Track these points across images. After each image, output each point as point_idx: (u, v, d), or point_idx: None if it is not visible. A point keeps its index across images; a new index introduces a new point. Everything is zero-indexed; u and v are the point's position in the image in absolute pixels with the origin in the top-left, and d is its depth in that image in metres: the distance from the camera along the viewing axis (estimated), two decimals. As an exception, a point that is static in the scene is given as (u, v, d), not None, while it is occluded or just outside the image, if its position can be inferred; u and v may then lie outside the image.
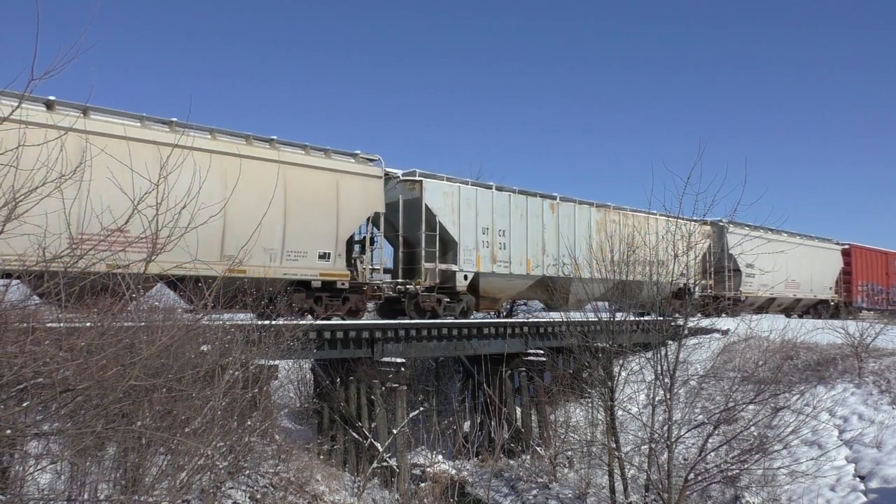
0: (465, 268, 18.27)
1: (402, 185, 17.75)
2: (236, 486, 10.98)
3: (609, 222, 22.11)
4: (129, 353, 6.41)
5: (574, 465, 16.71)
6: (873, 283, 36.94)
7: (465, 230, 18.28)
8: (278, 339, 11.94)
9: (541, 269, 20.18)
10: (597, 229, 21.67)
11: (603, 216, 22.25)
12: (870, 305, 36.44)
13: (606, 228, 21.67)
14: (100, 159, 9.60)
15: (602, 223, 21.96)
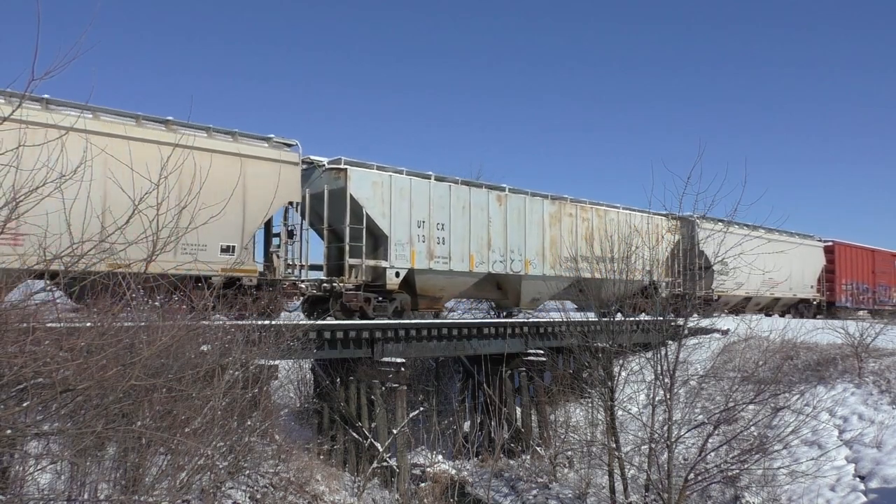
0: (397, 264, 16.82)
1: (328, 173, 16.31)
2: (236, 486, 10.98)
3: (565, 216, 21.05)
4: (129, 353, 6.41)
5: (574, 465, 16.71)
6: (858, 281, 35.73)
7: (397, 223, 16.83)
8: (278, 339, 11.94)
9: (486, 266, 18.79)
10: (550, 223, 20.58)
11: (558, 209, 20.93)
12: (855, 305, 35.31)
13: (562, 222, 20.89)
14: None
15: (556, 217, 20.79)
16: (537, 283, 20.16)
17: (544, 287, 20.42)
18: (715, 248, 23.98)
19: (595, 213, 22.02)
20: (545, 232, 20.33)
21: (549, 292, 20.97)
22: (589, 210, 21.95)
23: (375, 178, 16.65)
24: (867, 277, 36.28)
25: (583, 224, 21.54)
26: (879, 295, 37.27)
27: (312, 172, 16.43)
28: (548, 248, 20.34)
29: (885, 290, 37.70)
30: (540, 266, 20.02)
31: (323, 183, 16.25)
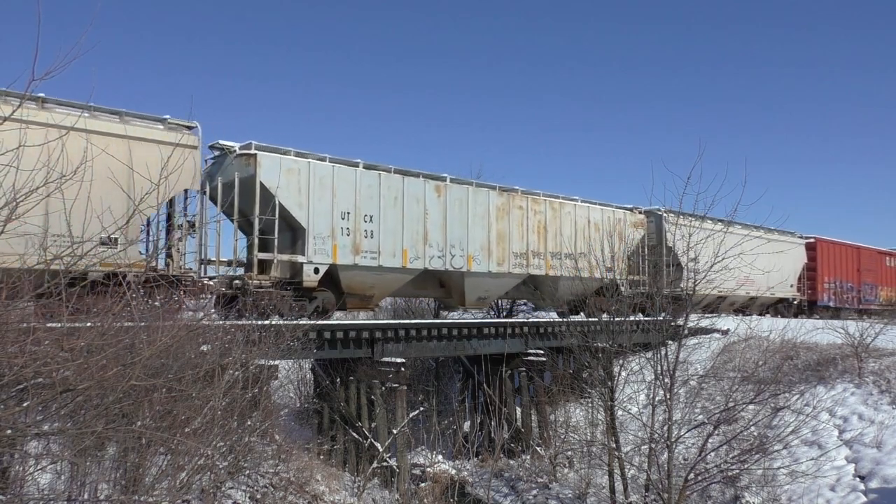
0: (317, 259, 15.27)
1: (239, 160, 14.93)
2: (236, 486, 10.98)
3: (514, 208, 19.58)
4: (129, 353, 6.42)
5: (574, 465, 16.71)
6: (842, 279, 34.13)
7: (316, 214, 15.29)
8: (278, 339, 11.95)
9: (422, 262, 17.23)
10: (498, 216, 19.09)
11: (506, 201, 19.45)
12: (838, 304, 33.63)
13: (510, 215, 19.45)
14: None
15: (505, 209, 19.31)
16: (483, 281, 18.97)
17: (492, 284, 19.35)
18: (684, 244, 23.63)
19: (549, 206, 20.65)
20: (491, 226, 18.93)
21: (498, 290, 20.02)
22: (542, 202, 20.49)
23: (291, 165, 15.09)
24: (852, 276, 34.89)
25: (535, 217, 20.14)
26: (865, 294, 35.82)
27: (225, 159, 15.16)
28: (494, 242, 18.96)
29: (870, 289, 36.37)
30: (485, 262, 18.68)
31: (234, 170, 14.84)
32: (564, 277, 20.35)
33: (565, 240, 20.75)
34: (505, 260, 19.17)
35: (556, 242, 20.53)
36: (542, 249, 20.11)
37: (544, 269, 20.13)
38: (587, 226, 21.57)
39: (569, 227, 21.03)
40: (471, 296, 18.95)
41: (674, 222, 23.54)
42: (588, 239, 21.12)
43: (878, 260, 37.38)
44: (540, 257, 20.05)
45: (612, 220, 22.27)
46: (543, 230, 20.23)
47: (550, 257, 20.31)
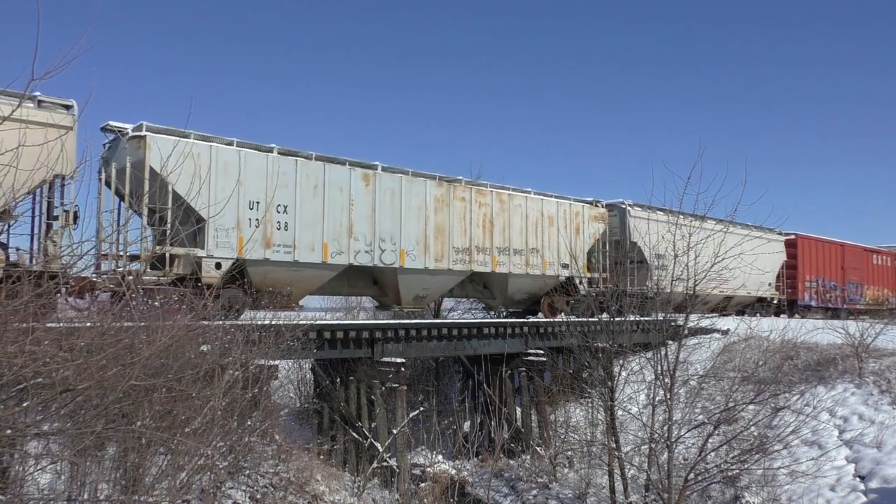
0: (219, 253, 13.81)
1: (131, 143, 13.41)
2: (236, 486, 10.98)
3: (455, 200, 18.18)
4: (129, 353, 6.41)
5: (574, 465, 16.70)
6: (825, 278, 32.55)
7: (218, 204, 13.61)
8: (278, 339, 11.95)
9: (346, 257, 15.78)
10: (437, 208, 17.73)
11: (446, 192, 18.02)
12: (821, 304, 32.25)
13: (451, 207, 18.07)
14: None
15: (444, 201, 17.93)
16: (420, 278, 17.59)
17: (430, 282, 17.99)
18: (650, 239, 21.42)
19: (496, 198, 19.28)
20: (429, 218, 17.49)
21: (439, 288, 18.71)
22: (488, 194, 19.11)
23: (188, 149, 13.40)
24: (835, 274, 33.40)
25: (480, 210, 18.75)
26: (849, 293, 34.34)
27: (119, 143, 13.70)
28: (432, 237, 17.54)
29: (855, 288, 34.98)
30: (421, 257, 17.27)
31: (126, 155, 13.38)
32: (514, 275, 19.52)
33: (515, 234, 19.55)
34: (444, 255, 17.82)
35: (505, 237, 19.29)
36: (487, 244, 18.82)
37: (490, 266, 18.92)
38: (540, 219, 20.27)
39: (519, 221, 19.70)
40: (407, 294, 17.66)
41: (639, 216, 22.89)
42: (541, 234, 20.19)
43: (864, 258, 36.09)
44: (485, 253, 18.76)
45: (570, 214, 21.17)
46: (489, 224, 18.95)
47: (498, 253, 19.09)
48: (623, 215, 22.81)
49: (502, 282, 19.67)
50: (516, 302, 21.06)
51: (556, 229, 20.50)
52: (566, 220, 20.97)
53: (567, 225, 20.94)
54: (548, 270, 20.16)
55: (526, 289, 20.30)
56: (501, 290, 19.95)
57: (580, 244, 21.36)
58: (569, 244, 20.53)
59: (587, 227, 21.70)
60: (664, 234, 20.61)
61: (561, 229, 20.64)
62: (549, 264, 20.25)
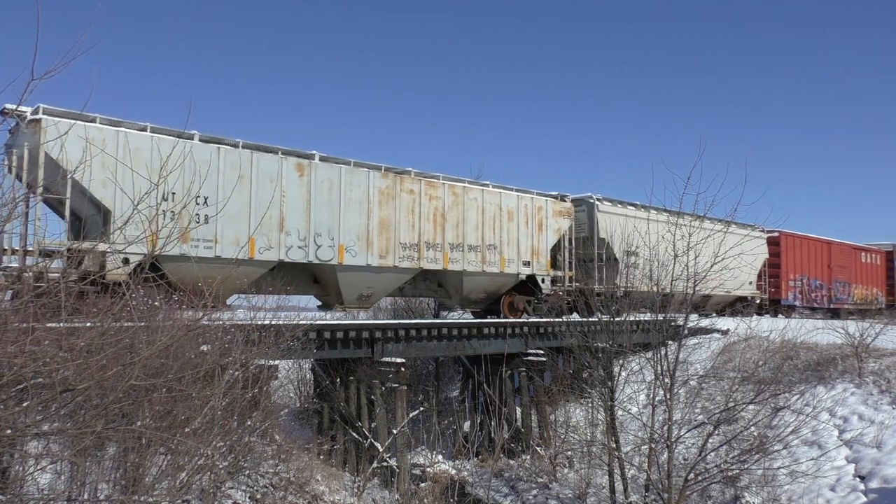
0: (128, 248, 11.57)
1: (29, 128, 12.24)
2: (236, 486, 10.99)
3: (403, 192, 17.01)
4: (129, 353, 6.41)
5: (574, 465, 16.70)
6: (810, 277, 31.37)
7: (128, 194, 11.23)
8: (278, 339, 11.96)
9: (276, 253, 14.64)
10: (381, 201, 16.57)
11: (392, 184, 16.80)
12: (805, 303, 31.14)
13: (398, 201, 16.91)
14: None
15: (390, 193, 16.74)
16: (362, 276, 16.41)
17: (375, 280, 16.78)
18: (620, 236, 20.57)
19: (448, 191, 17.97)
20: (372, 212, 16.33)
21: (385, 287, 17.47)
22: (439, 186, 17.86)
23: (91, 134, 12.26)
24: (821, 272, 32.25)
25: (430, 203, 17.54)
26: (836, 292, 33.17)
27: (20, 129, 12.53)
28: (376, 231, 16.38)
29: (842, 287, 33.86)
30: (363, 254, 16.09)
31: (24, 141, 12.26)
32: (469, 273, 18.42)
33: (470, 230, 18.34)
34: (390, 252, 16.64)
35: (458, 232, 18.06)
36: (439, 240, 17.61)
37: (442, 263, 17.67)
38: (498, 214, 19.08)
39: (475, 215, 18.49)
40: (349, 293, 16.43)
41: (608, 211, 21.75)
42: (499, 229, 19.04)
43: (852, 256, 35.00)
44: (437, 249, 17.56)
45: (531, 208, 19.99)
46: (441, 218, 17.71)
47: (450, 249, 17.86)
48: (591, 210, 21.66)
49: (457, 280, 18.54)
50: (473, 301, 19.95)
51: (516, 224, 19.44)
52: (528, 215, 19.83)
53: (529, 220, 19.81)
54: (507, 268, 19.14)
55: (483, 287, 19.27)
56: (457, 289, 18.82)
57: (543, 240, 20.25)
58: (530, 240, 19.64)
59: (551, 223, 20.56)
60: (635, 230, 20.28)
61: (522, 225, 19.57)
62: (509, 262, 19.20)
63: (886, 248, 38.07)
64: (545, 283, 20.07)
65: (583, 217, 21.72)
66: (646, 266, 17.88)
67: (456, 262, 18.04)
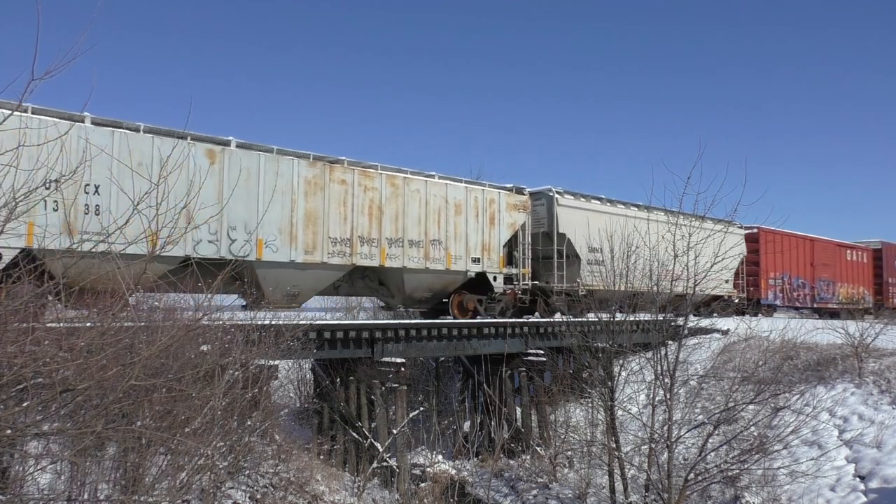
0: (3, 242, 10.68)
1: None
2: (236, 486, 10.99)
3: (333, 183, 15.76)
4: (129, 353, 6.41)
5: (574, 465, 16.70)
6: (792, 275, 30.22)
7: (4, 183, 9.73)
8: (278, 339, 11.95)
9: (182, 248, 13.18)
10: (308, 192, 15.34)
11: (320, 174, 15.60)
12: (787, 303, 30.09)
13: (328, 191, 15.70)
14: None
15: (318, 184, 15.52)
16: (286, 273, 15.14)
17: (301, 278, 15.48)
18: (583, 231, 19.69)
19: (387, 182, 16.79)
20: (297, 203, 15.12)
21: (314, 284, 16.07)
22: (376, 177, 16.62)
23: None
24: (804, 271, 31.11)
25: (365, 195, 16.31)
26: (820, 291, 32.11)
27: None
28: (301, 225, 15.17)
29: (827, 286, 32.79)
30: (285, 249, 14.90)
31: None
32: (410, 270, 17.22)
33: (411, 223, 17.19)
34: (317, 247, 15.42)
35: (397, 226, 16.92)
36: (375, 235, 16.44)
37: (378, 259, 16.52)
38: (444, 207, 17.94)
39: (417, 208, 17.36)
40: (272, 291, 15.06)
41: (569, 205, 20.65)
42: (445, 223, 17.89)
43: (837, 253, 33.98)
44: (372, 244, 16.39)
45: (482, 201, 18.89)
46: (378, 211, 16.55)
47: (388, 245, 16.69)
48: (550, 204, 20.41)
49: (397, 278, 17.40)
50: (418, 301, 18.85)
51: (464, 218, 18.31)
52: (478, 209, 18.72)
53: (479, 214, 18.69)
54: (453, 265, 17.99)
55: (427, 286, 18.06)
56: (398, 288, 17.67)
57: (495, 235, 19.13)
58: (481, 235, 18.60)
59: (504, 217, 19.40)
60: (600, 226, 19.31)
61: (471, 218, 18.46)
62: (456, 258, 18.08)
63: (874, 246, 37.07)
64: (497, 281, 19.02)
65: (542, 211, 20.63)
66: (611, 263, 17.09)
67: (395, 258, 16.90)
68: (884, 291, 36.77)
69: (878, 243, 37.36)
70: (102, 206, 12.52)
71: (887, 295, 36.89)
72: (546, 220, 20.44)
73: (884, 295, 36.67)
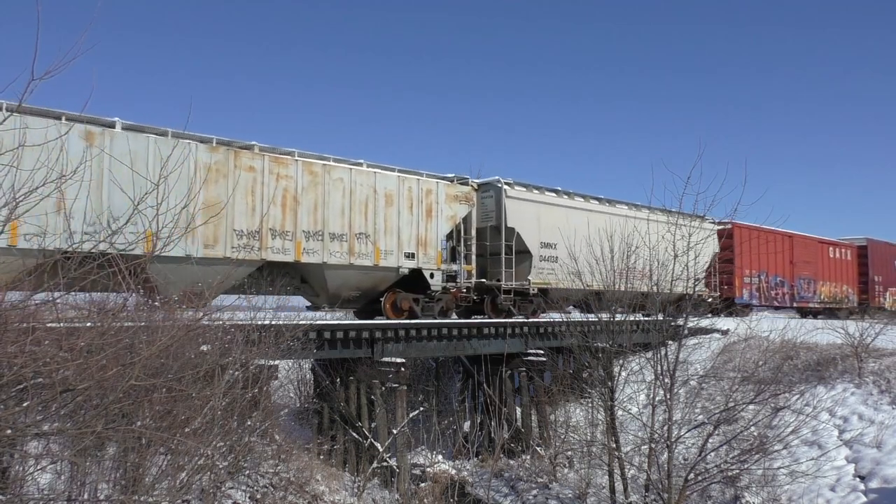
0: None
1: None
2: (236, 486, 10.99)
3: (240, 170, 14.28)
4: (129, 353, 6.42)
5: (574, 465, 16.70)
6: (770, 273, 28.91)
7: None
8: (278, 339, 11.96)
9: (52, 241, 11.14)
10: (208, 180, 13.78)
11: (224, 160, 14.08)
12: (764, 302, 28.88)
13: (233, 179, 14.13)
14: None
15: (221, 171, 14.00)
16: (183, 269, 13.48)
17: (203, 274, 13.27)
18: (534, 226, 18.66)
19: (304, 170, 15.32)
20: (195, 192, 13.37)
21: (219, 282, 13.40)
22: (291, 164, 15.18)
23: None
24: (782, 268, 29.78)
25: (278, 184, 14.87)
26: (800, 290, 30.89)
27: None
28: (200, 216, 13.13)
29: (808, 285, 31.61)
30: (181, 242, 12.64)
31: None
32: (332, 266, 15.65)
33: (333, 215, 15.68)
34: (219, 240, 13.94)
35: (316, 218, 15.45)
36: (290, 227, 14.98)
37: (294, 254, 14.99)
38: (372, 197, 16.45)
39: (340, 199, 15.84)
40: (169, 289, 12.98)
41: (518, 197, 19.31)
42: (373, 215, 16.44)
43: (819, 251, 32.69)
44: (287, 238, 14.91)
45: (418, 192, 17.43)
46: (293, 201, 15.07)
47: (305, 238, 15.21)
48: (499, 196, 19.02)
49: (319, 275, 15.91)
50: (346, 300, 17.12)
51: (396, 210, 16.84)
52: (412, 200, 17.26)
53: (414, 205, 17.25)
54: (383, 261, 16.51)
55: (354, 284, 16.47)
56: (321, 286, 16.15)
57: (433, 229, 17.62)
58: (415, 229, 17.19)
59: (444, 209, 17.92)
60: (554, 220, 18.65)
61: (404, 210, 17.00)
62: (386, 253, 16.57)
63: (859, 243, 35.90)
64: (435, 278, 17.56)
65: (490, 204, 19.25)
66: (568, 260, 16.12)
67: (313, 253, 15.34)
68: (869, 290, 35.62)
69: (864, 240, 36.21)
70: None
71: (873, 294, 35.76)
72: (494, 214, 19.17)
73: (869, 294, 35.56)
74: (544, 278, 19.67)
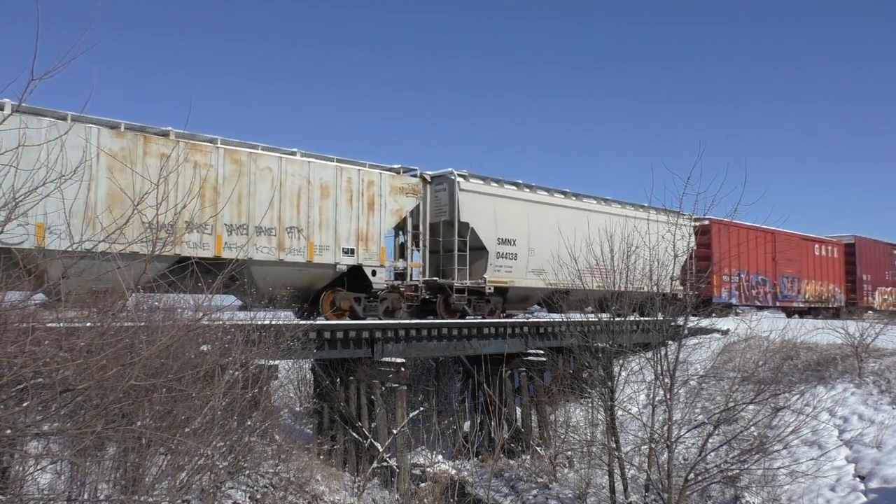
0: None
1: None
2: (236, 486, 10.99)
3: (150, 157, 13.06)
4: (129, 353, 6.42)
5: (574, 465, 16.70)
6: (751, 272, 27.80)
7: None
8: (278, 339, 11.96)
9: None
10: (112, 169, 12.56)
11: (131, 146, 12.97)
12: (744, 301, 27.71)
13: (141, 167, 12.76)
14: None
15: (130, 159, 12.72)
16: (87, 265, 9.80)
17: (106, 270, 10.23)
18: (489, 220, 17.79)
19: (226, 158, 14.20)
20: (98, 182, 12.48)
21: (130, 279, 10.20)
22: (211, 152, 14.02)
23: None
24: (764, 266, 28.56)
25: (196, 172, 13.67)
26: (783, 288, 29.73)
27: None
28: (103, 208, 12.29)
29: (791, 283, 30.40)
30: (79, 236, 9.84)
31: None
32: (259, 262, 14.58)
33: (259, 207, 14.55)
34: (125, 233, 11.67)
35: (240, 210, 14.35)
36: (209, 220, 13.87)
37: (213, 249, 13.84)
38: (306, 188, 15.40)
39: (268, 190, 14.74)
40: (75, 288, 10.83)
41: (473, 190, 18.27)
42: (307, 208, 15.38)
43: (804, 248, 31.43)
44: (205, 231, 13.74)
45: (358, 184, 16.32)
46: (213, 192, 13.94)
47: (228, 232, 14.09)
48: (452, 189, 17.96)
49: (244, 272, 14.58)
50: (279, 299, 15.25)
51: (332, 202, 15.78)
52: (352, 192, 16.19)
53: (353, 197, 16.18)
54: (318, 257, 15.43)
55: (286, 281, 15.07)
56: (250, 283, 14.93)
57: (375, 223, 16.58)
58: (355, 223, 16.14)
59: (388, 202, 16.88)
60: (512, 214, 17.86)
61: (342, 203, 15.94)
62: (322, 249, 15.51)
63: (846, 241, 34.54)
64: (377, 276, 16.52)
65: (444, 197, 18.20)
66: (527, 256, 15.29)
67: (236, 248, 14.12)
68: (857, 289, 34.39)
69: (851, 237, 34.85)
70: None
71: (861, 293, 34.57)
72: (448, 208, 18.14)
73: (857, 293, 34.37)
74: (501, 276, 18.80)
